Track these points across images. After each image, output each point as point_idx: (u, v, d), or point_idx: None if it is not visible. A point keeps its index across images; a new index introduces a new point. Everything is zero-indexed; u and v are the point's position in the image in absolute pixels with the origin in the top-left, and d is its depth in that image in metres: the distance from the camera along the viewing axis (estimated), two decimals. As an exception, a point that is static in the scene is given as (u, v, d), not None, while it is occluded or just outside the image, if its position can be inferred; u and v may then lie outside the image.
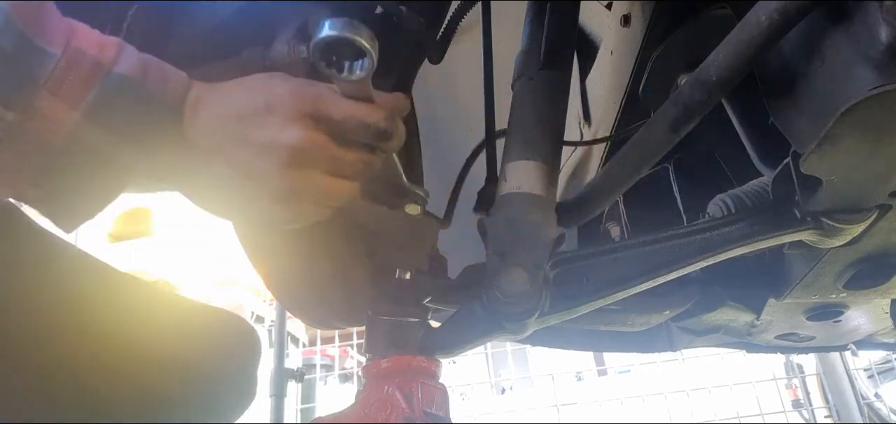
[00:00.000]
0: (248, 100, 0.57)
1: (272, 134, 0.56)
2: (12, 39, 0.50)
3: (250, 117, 0.56)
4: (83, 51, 0.53)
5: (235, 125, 0.56)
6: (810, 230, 0.77)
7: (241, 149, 0.56)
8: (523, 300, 0.74)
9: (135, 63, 0.55)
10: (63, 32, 0.53)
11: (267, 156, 0.56)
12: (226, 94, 0.59)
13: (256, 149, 0.56)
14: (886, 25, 0.53)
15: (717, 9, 0.90)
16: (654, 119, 0.78)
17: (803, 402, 3.14)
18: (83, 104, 0.52)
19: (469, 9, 1.09)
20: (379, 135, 0.60)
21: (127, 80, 0.54)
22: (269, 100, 0.57)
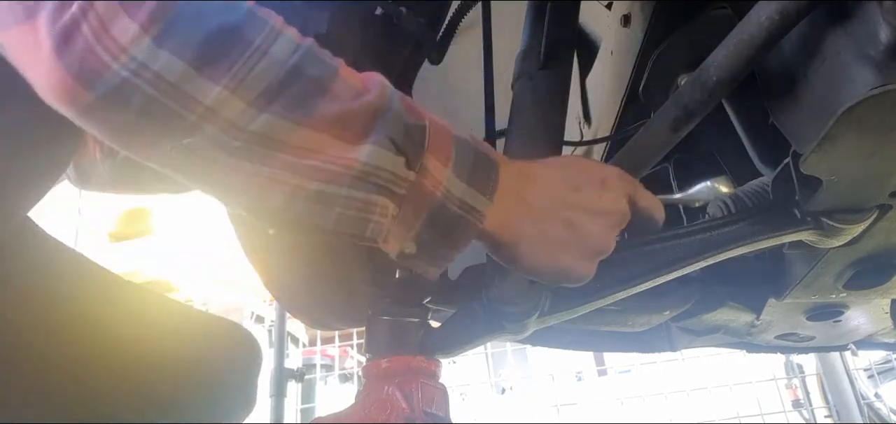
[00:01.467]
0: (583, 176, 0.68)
1: (608, 203, 0.67)
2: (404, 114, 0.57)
3: (591, 189, 0.67)
4: (436, 121, 0.61)
5: (573, 194, 0.66)
6: (810, 230, 0.77)
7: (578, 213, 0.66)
8: (523, 300, 0.74)
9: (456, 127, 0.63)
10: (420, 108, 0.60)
11: (601, 221, 0.66)
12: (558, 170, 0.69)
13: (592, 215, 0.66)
14: (886, 25, 0.53)
15: (717, 9, 0.90)
16: (654, 119, 0.78)
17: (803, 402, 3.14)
18: (451, 161, 0.59)
19: (469, 9, 1.09)
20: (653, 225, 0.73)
21: (465, 142, 0.62)
22: (603, 178, 0.68)
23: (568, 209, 0.66)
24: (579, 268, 0.67)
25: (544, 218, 0.65)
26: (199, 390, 0.85)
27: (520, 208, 0.65)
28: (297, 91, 0.51)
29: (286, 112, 0.51)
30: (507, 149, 0.88)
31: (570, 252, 0.66)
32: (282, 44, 0.51)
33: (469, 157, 0.61)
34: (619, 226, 0.69)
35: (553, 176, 0.68)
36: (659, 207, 0.73)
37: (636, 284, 0.80)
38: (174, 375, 0.82)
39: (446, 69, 1.08)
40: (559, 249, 0.66)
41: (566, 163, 0.71)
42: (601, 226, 0.67)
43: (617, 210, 0.68)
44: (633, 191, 0.71)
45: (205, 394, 0.86)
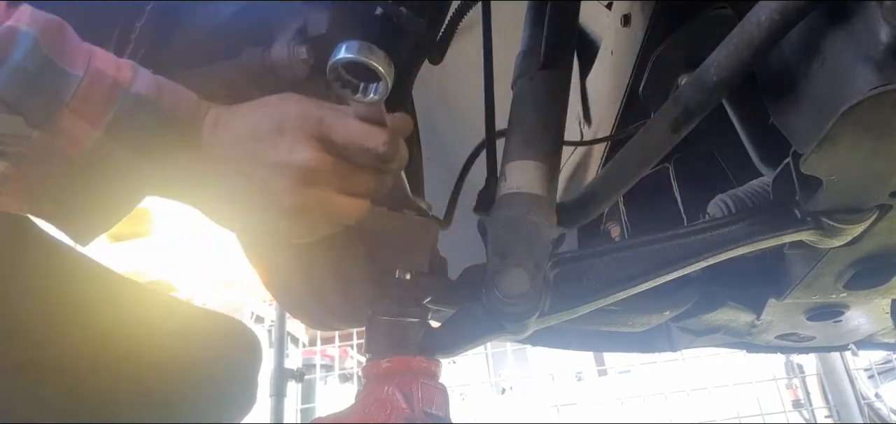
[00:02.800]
0: (262, 122, 0.61)
1: (283, 154, 0.59)
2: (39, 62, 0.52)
3: (264, 138, 0.60)
4: (103, 71, 0.55)
5: (252, 144, 0.60)
6: (810, 230, 0.77)
7: (257, 167, 0.59)
8: (523, 300, 0.74)
9: (150, 83, 0.58)
10: (84, 55, 0.55)
11: (279, 174, 0.59)
12: (243, 115, 0.62)
13: (270, 168, 0.59)
14: (886, 25, 0.53)
15: (717, 9, 0.90)
16: (655, 119, 0.78)
17: (803, 402, 3.14)
18: (104, 122, 0.54)
19: (469, 9, 1.09)
20: (379, 158, 0.63)
21: (143, 99, 0.57)
22: (280, 121, 0.60)
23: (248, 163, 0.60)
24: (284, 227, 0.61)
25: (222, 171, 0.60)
26: (198, 387, 0.85)
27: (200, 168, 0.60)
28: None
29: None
30: (506, 149, 0.88)
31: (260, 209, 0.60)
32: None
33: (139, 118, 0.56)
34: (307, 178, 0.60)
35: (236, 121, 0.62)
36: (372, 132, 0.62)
37: (636, 284, 0.80)
38: (174, 372, 0.82)
39: (446, 69, 1.08)
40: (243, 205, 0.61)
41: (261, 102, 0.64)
42: (283, 180, 0.59)
43: (293, 160, 0.59)
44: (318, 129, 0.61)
45: (205, 392, 0.86)
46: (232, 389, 0.93)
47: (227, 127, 0.61)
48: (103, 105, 0.54)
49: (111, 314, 0.79)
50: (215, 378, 0.89)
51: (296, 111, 0.61)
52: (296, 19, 0.90)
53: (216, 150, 0.60)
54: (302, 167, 0.59)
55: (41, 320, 0.70)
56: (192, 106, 0.61)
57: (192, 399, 0.84)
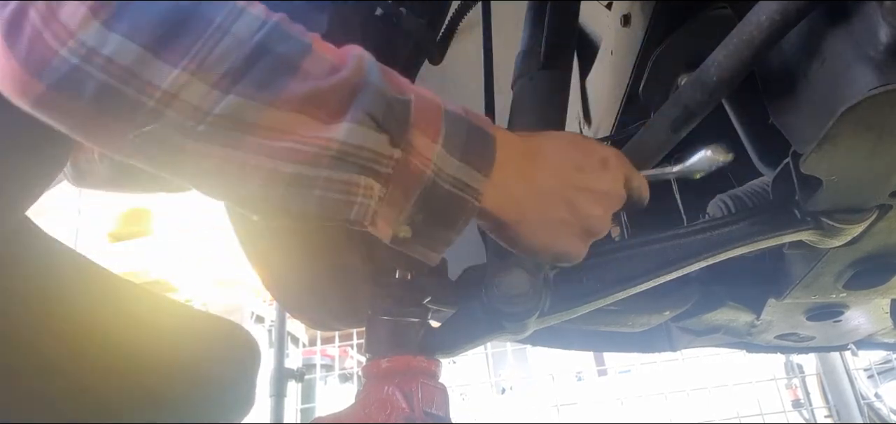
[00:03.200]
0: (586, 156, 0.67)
1: (609, 185, 0.67)
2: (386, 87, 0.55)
3: (590, 171, 0.66)
4: (424, 95, 0.58)
5: (577, 174, 0.65)
6: (810, 230, 0.77)
7: (580, 193, 0.65)
8: (523, 300, 0.74)
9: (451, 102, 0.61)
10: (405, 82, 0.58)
11: (600, 203, 0.66)
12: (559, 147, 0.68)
13: (595, 195, 0.66)
14: (886, 25, 0.53)
15: (717, 9, 0.90)
16: (655, 119, 0.78)
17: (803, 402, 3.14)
18: (440, 136, 0.56)
19: (469, 9, 1.09)
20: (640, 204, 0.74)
21: (457, 115, 0.59)
22: (604, 158, 0.68)
23: (570, 189, 0.64)
24: (576, 249, 0.66)
25: (547, 197, 0.64)
26: (198, 389, 0.85)
27: (521, 185, 0.62)
28: (263, 69, 0.49)
29: (253, 92, 0.48)
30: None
31: (569, 233, 0.65)
32: (245, 21, 0.49)
33: (461, 132, 0.58)
34: (616, 208, 0.68)
35: (556, 153, 0.66)
36: (646, 188, 0.74)
37: (636, 284, 0.80)
38: (173, 375, 0.82)
39: (446, 69, 1.08)
40: (559, 229, 0.64)
41: (568, 139, 0.70)
42: (600, 208, 0.66)
43: (615, 191, 0.68)
44: (629, 172, 0.71)
45: (203, 394, 0.86)
46: (230, 391, 0.93)
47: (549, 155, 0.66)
48: (435, 122, 0.57)
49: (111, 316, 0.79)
50: (214, 380, 0.89)
51: (614, 152, 0.70)
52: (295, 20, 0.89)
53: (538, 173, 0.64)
54: (619, 199, 0.68)
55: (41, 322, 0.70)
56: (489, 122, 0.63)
57: (191, 400, 0.84)
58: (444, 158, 0.56)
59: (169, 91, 0.46)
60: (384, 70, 0.56)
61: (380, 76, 0.55)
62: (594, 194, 0.65)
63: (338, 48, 0.55)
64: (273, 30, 0.50)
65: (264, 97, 0.49)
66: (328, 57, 0.53)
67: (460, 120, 0.59)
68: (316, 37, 0.54)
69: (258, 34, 0.49)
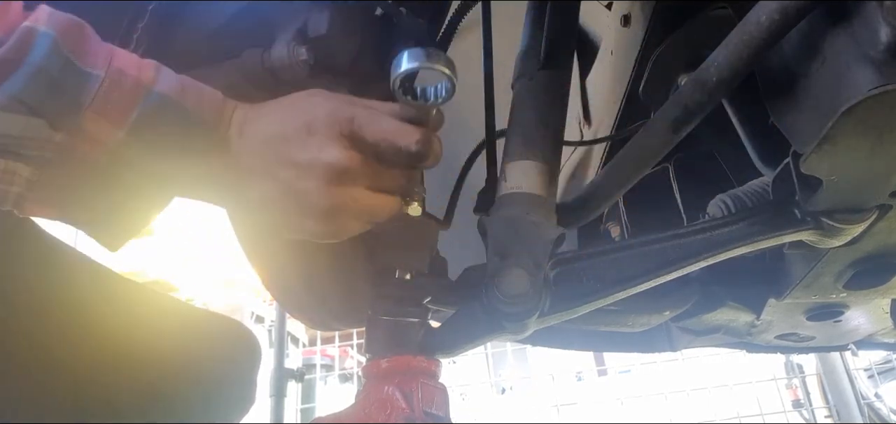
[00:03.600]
0: (290, 121, 0.59)
1: (312, 154, 0.58)
2: (59, 63, 0.51)
3: (292, 138, 0.58)
4: (124, 71, 0.54)
5: (280, 145, 0.58)
6: (810, 230, 0.77)
7: (285, 168, 0.58)
8: (523, 300, 0.74)
9: (174, 83, 0.57)
10: (104, 55, 0.54)
11: (309, 175, 0.58)
12: (270, 115, 0.61)
13: (299, 169, 0.58)
14: (886, 25, 0.53)
15: (717, 9, 0.90)
16: (655, 119, 0.78)
17: (803, 402, 3.14)
18: (127, 122, 0.53)
19: (469, 9, 1.09)
20: (412, 156, 0.61)
21: (167, 99, 0.55)
22: (309, 121, 0.59)
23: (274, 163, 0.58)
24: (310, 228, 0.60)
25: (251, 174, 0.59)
26: (197, 387, 0.85)
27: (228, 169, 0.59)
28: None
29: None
30: (506, 149, 0.88)
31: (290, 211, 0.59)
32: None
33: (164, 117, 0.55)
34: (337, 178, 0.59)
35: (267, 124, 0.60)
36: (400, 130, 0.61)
37: (636, 284, 0.80)
38: (173, 372, 0.82)
39: (446, 69, 1.07)
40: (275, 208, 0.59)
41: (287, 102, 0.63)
42: (312, 182, 0.58)
43: (322, 160, 0.58)
44: (350, 127, 0.60)
45: (203, 391, 0.86)
46: (231, 389, 0.93)
47: (254, 127, 0.60)
48: (126, 105, 0.53)
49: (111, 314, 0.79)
50: (214, 378, 0.89)
51: (325, 109, 0.60)
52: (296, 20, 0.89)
53: (244, 152, 0.59)
54: (332, 166, 0.58)
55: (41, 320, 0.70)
56: (217, 105, 0.60)
57: (191, 398, 0.84)
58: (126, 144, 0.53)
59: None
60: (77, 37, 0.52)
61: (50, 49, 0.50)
62: (298, 167, 0.58)
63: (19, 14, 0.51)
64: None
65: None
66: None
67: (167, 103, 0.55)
68: None
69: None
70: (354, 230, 0.62)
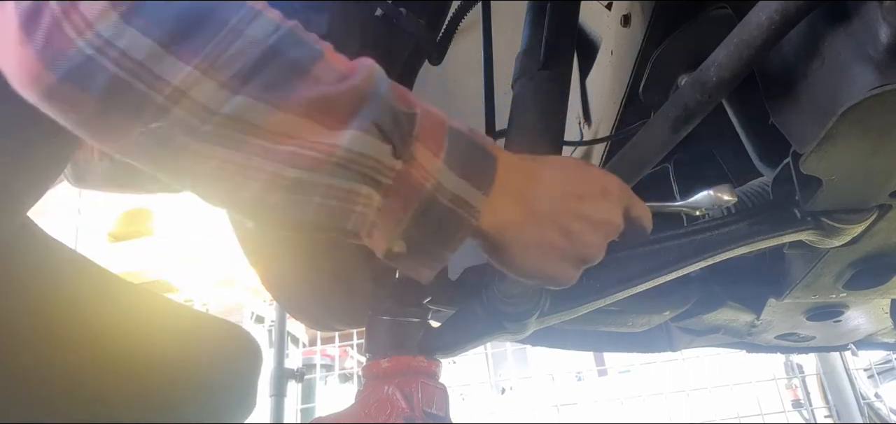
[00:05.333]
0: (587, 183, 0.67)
1: (606, 215, 0.66)
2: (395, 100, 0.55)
3: (589, 198, 0.66)
4: (429, 109, 0.58)
5: (576, 202, 0.65)
6: (810, 230, 0.77)
7: (578, 221, 0.64)
8: (523, 300, 0.74)
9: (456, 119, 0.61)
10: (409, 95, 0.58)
11: (597, 231, 0.65)
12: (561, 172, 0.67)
13: (591, 225, 0.65)
14: (886, 25, 0.53)
15: (717, 9, 0.90)
16: (655, 119, 0.78)
17: (803, 402, 3.14)
18: (443, 151, 0.56)
19: (469, 9, 1.09)
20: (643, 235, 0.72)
21: (460, 132, 0.59)
22: (604, 187, 0.68)
23: (568, 216, 0.64)
24: (566, 275, 0.66)
25: (543, 222, 0.63)
26: (200, 391, 0.85)
27: (519, 208, 0.63)
28: (274, 72, 0.49)
29: (261, 93, 0.48)
30: (506, 150, 0.88)
31: (561, 259, 0.65)
32: (260, 24, 0.49)
33: (464, 149, 0.58)
34: (612, 237, 0.68)
35: (556, 178, 0.66)
36: (649, 218, 0.73)
37: (636, 284, 0.80)
38: (174, 376, 0.82)
39: (446, 69, 1.08)
40: (552, 255, 0.64)
41: (570, 165, 0.70)
42: (597, 236, 0.66)
43: (613, 221, 0.67)
44: (629, 202, 0.70)
45: (205, 396, 0.86)
46: (232, 393, 0.93)
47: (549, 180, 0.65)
48: (439, 136, 0.57)
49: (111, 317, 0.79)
50: (216, 381, 0.89)
51: (616, 181, 0.70)
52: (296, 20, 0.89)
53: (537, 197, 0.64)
54: (616, 228, 0.67)
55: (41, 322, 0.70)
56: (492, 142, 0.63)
57: (193, 402, 0.84)
58: (445, 173, 0.56)
59: (179, 88, 0.46)
60: (393, 84, 0.56)
61: (388, 88, 0.55)
62: (591, 223, 0.65)
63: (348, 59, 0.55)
64: (287, 35, 0.50)
65: (272, 99, 0.49)
66: (339, 65, 0.53)
67: (463, 137, 0.59)
68: (328, 46, 0.54)
69: (272, 37, 0.49)
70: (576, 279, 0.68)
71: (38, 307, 0.70)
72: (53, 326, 0.71)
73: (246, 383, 0.96)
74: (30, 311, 0.69)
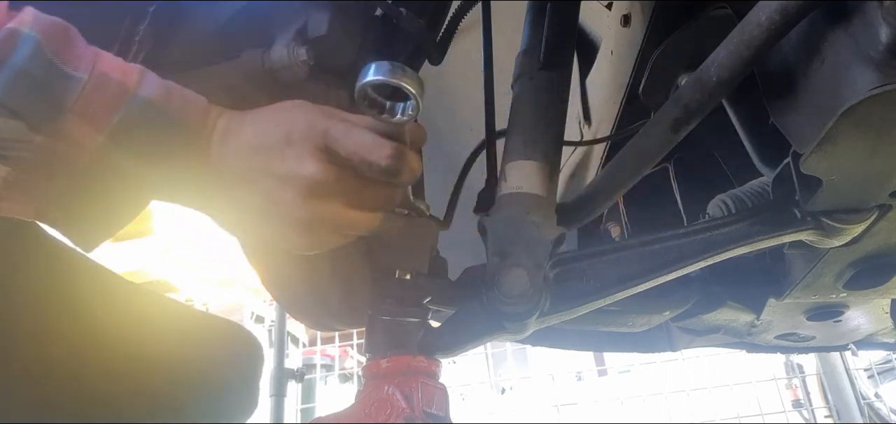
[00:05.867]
0: (271, 131, 0.59)
1: (291, 166, 0.58)
2: (42, 66, 0.51)
3: (273, 148, 0.58)
4: (108, 75, 0.54)
5: (260, 155, 0.58)
6: (810, 230, 0.77)
7: (266, 178, 0.58)
8: (523, 300, 0.74)
9: (158, 87, 0.57)
10: (89, 58, 0.54)
11: (287, 187, 0.58)
12: (252, 123, 0.61)
13: (278, 180, 0.58)
14: (886, 25, 0.53)
15: (717, 9, 0.90)
16: (655, 119, 0.78)
17: (803, 402, 3.14)
18: (108, 126, 0.53)
19: (469, 9, 1.09)
20: (384, 171, 0.60)
21: (150, 104, 0.55)
22: (288, 132, 0.59)
23: (258, 174, 0.58)
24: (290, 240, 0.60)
25: (229, 181, 0.59)
26: (201, 391, 0.85)
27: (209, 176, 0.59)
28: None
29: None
30: (506, 149, 0.88)
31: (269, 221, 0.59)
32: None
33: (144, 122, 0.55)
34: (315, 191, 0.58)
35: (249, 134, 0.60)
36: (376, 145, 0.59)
37: (636, 284, 0.80)
38: (175, 376, 0.82)
39: (446, 69, 1.08)
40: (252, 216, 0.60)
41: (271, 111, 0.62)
42: (291, 193, 0.58)
43: (300, 173, 0.58)
44: (325, 140, 0.59)
45: (206, 395, 0.86)
46: (233, 392, 0.93)
47: (236, 135, 0.60)
48: (108, 109, 0.53)
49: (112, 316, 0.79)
50: (217, 381, 0.89)
51: (304, 121, 0.60)
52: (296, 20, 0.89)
53: (225, 159, 0.59)
54: (307, 179, 0.58)
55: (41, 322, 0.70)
56: (201, 111, 0.60)
57: (194, 401, 0.84)
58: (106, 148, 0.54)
59: None
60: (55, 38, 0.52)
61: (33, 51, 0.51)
62: (278, 178, 0.58)
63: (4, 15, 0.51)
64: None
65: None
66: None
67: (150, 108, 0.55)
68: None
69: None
70: (333, 243, 0.62)
71: (38, 307, 0.70)
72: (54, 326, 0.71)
73: (248, 382, 0.96)
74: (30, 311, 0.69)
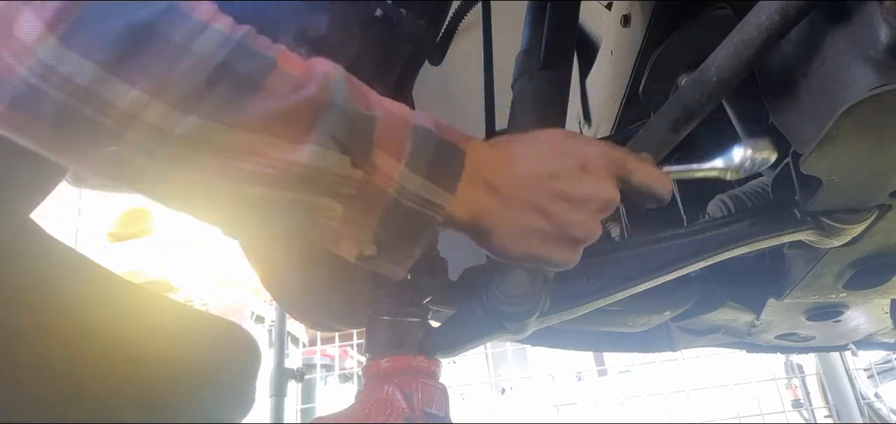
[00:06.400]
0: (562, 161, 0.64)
1: (589, 190, 0.63)
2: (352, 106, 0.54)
3: (566, 176, 0.63)
4: (392, 111, 0.57)
5: (551, 182, 0.63)
6: (810, 230, 0.77)
7: (556, 202, 0.62)
8: (523, 300, 0.74)
9: (424, 116, 0.60)
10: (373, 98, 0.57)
11: (581, 209, 0.63)
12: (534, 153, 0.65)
13: (572, 203, 0.63)
14: (886, 25, 0.53)
15: (717, 9, 0.90)
16: (655, 119, 0.78)
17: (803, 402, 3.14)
18: (405, 155, 0.56)
19: (469, 9, 1.09)
20: (657, 201, 0.68)
21: (425, 131, 0.58)
22: (583, 161, 0.64)
23: (544, 197, 0.62)
24: (560, 256, 0.64)
25: (517, 206, 0.62)
26: (196, 390, 0.85)
27: (489, 197, 0.62)
28: (225, 90, 0.47)
29: (214, 113, 0.47)
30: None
31: (549, 241, 0.63)
32: (208, 38, 0.48)
33: (428, 148, 0.58)
34: (604, 212, 0.65)
35: (528, 159, 0.64)
36: (661, 181, 0.68)
37: (636, 284, 0.80)
38: (172, 375, 0.82)
39: (446, 69, 1.08)
40: (535, 238, 0.63)
41: (547, 143, 0.67)
42: (582, 215, 0.63)
43: (598, 196, 0.64)
44: (623, 170, 0.66)
45: (201, 394, 0.86)
46: (230, 392, 0.93)
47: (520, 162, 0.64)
48: (401, 140, 0.56)
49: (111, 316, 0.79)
50: (214, 380, 0.89)
51: (598, 151, 0.65)
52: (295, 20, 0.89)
53: (506, 183, 0.62)
54: (605, 202, 0.64)
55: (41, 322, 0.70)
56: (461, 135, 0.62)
57: (191, 401, 0.84)
58: (407, 176, 0.56)
59: (128, 111, 0.45)
60: (352, 84, 0.55)
61: (345, 93, 0.54)
62: (571, 201, 0.63)
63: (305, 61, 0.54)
64: (237, 47, 0.49)
65: (226, 118, 0.48)
66: (293, 73, 0.52)
67: (428, 135, 0.58)
68: (282, 50, 0.52)
69: (221, 52, 0.48)
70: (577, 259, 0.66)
71: (38, 307, 0.70)
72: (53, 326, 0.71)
73: (243, 381, 0.96)
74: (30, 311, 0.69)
